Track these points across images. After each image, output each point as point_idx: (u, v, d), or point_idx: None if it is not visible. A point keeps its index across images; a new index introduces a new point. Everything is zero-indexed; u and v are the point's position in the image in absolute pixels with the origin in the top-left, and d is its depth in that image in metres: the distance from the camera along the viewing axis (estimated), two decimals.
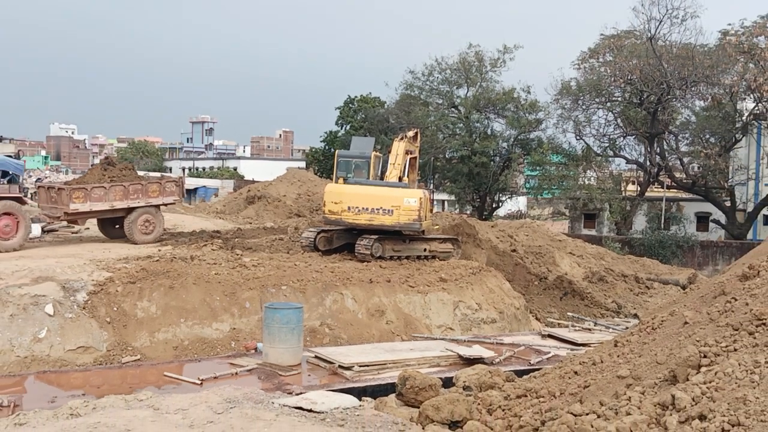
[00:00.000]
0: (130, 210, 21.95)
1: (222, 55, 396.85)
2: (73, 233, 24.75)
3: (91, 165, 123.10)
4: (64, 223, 23.72)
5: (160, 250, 20.11)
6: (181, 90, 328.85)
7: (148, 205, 22.22)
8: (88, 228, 24.74)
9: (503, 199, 51.72)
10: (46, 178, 65.88)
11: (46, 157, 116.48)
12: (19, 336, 13.81)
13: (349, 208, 20.78)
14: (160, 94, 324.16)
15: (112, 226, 23.06)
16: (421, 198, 20.85)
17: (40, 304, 14.40)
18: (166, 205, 23.42)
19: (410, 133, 23.10)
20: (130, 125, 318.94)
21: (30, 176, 46.03)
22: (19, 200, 20.32)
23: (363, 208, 20.69)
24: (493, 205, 50.93)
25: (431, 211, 23.78)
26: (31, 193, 25.63)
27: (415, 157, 23.14)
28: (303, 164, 71.75)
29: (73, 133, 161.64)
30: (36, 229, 23.52)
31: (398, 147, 21.96)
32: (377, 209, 20.62)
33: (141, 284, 16.03)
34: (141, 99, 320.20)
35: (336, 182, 21.80)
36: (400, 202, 20.63)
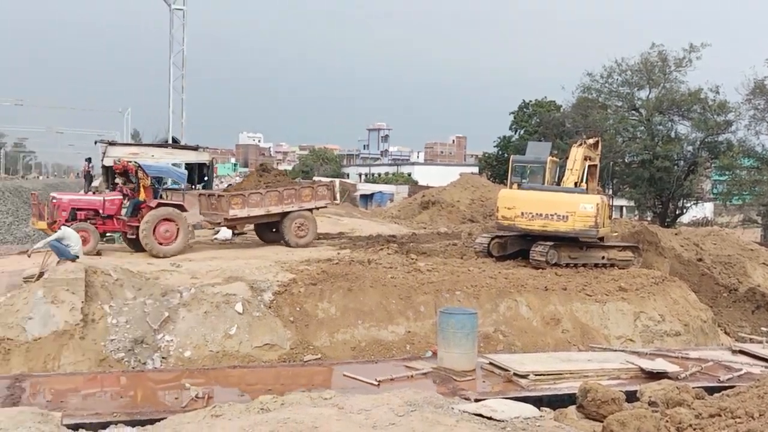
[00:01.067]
0: (284, 214, 22.58)
1: (398, 63, 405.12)
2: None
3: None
4: (251, 226, 24.97)
5: (339, 253, 20.83)
6: (359, 99, 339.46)
7: (301, 209, 22.80)
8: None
9: (688, 205, 48.96)
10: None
11: (235, 164, 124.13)
12: (212, 332, 14.77)
13: (522, 213, 20.50)
14: (339, 104, 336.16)
15: (268, 230, 23.80)
16: (598, 204, 20.19)
17: (230, 302, 15.32)
18: (318, 208, 23.89)
19: (590, 141, 22.40)
20: (311, 133, 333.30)
21: (221, 182, 49.19)
22: (180, 207, 21.22)
23: (537, 214, 20.34)
24: (677, 212, 48.37)
25: (610, 217, 22.94)
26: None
27: (595, 165, 22.38)
28: (476, 169, 71.64)
29: (259, 141, 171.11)
30: (227, 233, 25.09)
31: (576, 152, 21.39)
32: (551, 215, 20.20)
33: (322, 286, 16.66)
34: (321, 109, 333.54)
35: (510, 187, 21.56)
36: (576, 207, 20.09)
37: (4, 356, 13.29)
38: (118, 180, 22.21)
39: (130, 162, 21.77)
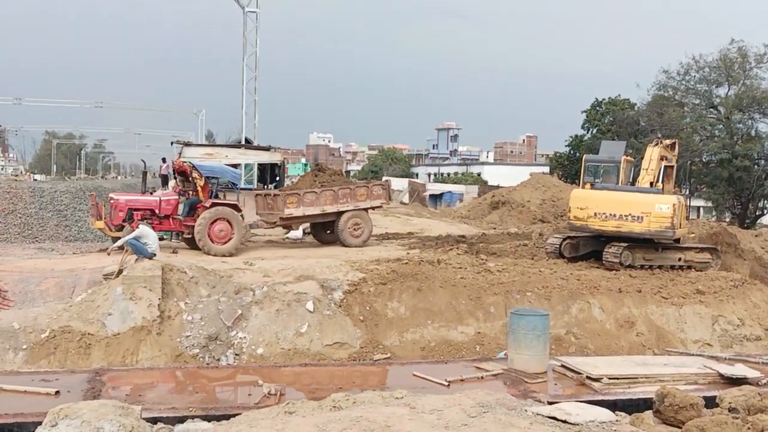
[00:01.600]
0: (339, 214, 22.56)
1: (468, 63, 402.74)
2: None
3: (345, 171, 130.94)
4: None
5: (408, 253, 20.85)
6: (429, 98, 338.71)
7: (356, 208, 22.74)
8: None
9: None
10: None
11: (305, 164, 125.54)
12: (284, 330, 14.99)
13: (595, 214, 20.21)
14: (408, 104, 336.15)
15: (324, 231, 23.82)
16: (674, 204, 19.73)
17: (302, 301, 15.53)
18: (373, 208, 23.80)
19: (667, 141, 21.88)
20: (381, 133, 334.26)
21: (292, 182, 49.82)
22: (235, 207, 21.41)
23: (610, 215, 20.03)
24: (757, 213, 46.76)
25: (687, 218, 22.35)
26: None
27: (672, 167, 21.85)
28: (547, 169, 70.71)
29: (329, 141, 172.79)
30: (298, 232, 25.37)
31: (652, 152, 20.93)
32: (626, 216, 19.85)
33: (391, 285, 16.72)
34: (391, 108, 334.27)
35: (582, 187, 21.27)
36: (651, 208, 19.69)
37: (85, 350, 13.76)
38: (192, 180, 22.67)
39: (185, 162, 22.17)
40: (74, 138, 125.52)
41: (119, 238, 20.56)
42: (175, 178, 24.16)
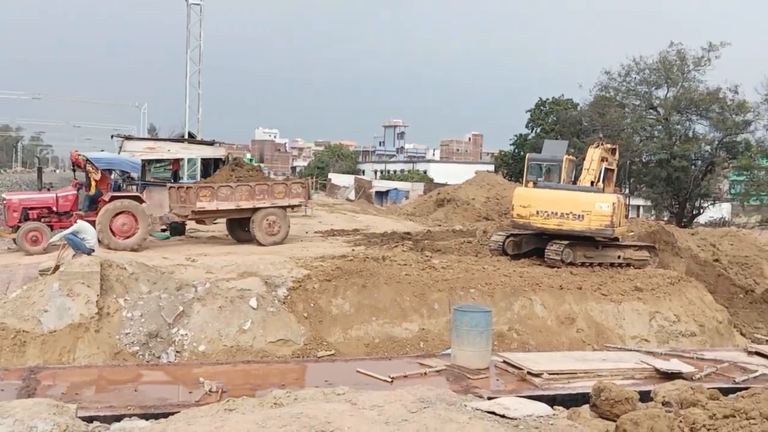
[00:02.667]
0: (255, 210, 22.06)
1: (415, 60, 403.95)
2: None
3: (291, 167, 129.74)
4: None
5: (353, 250, 20.85)
6: (376, 96, 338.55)
7: (273, 206, 22.23)
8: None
9: (705, 205, 48.65)
10: None
11: (250, 160, 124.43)
12: (226, 327, 14.82)
13: (537, 212, 20.51)
14: (355, 101, 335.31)
15: (241, 229, 23.19)
16: (614, 203, 20.14)
17: (245, 297, 15.38)
18: (292, 207, 23.34)
19: (608, 146, 22.32)
20: (327, 129, 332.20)
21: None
22: (137, 199, 20.80)
23: (552, 213, 20.34)
24: (693, 212, 48.07)
25: (626, 217, 22.84)
26: None
27: (613, 170, 22.30)
28: (492, 167, 71.47)
29: (275, 137, 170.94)
30: None
31: (593, 153, 21.34)
32: (567, 214, 20.18)
33: (336, 282, 16.68)
34: (337, 105, 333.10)
35: (525, 186, 21.56)
36: (592, 207, 20.06)
37: (20, 348, 13.39)
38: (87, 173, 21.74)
39: (80, 155, 21.44)
40: (10, 130, 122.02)
41: (15, 240, 19.87)
42: (74, 170, 23.32)
